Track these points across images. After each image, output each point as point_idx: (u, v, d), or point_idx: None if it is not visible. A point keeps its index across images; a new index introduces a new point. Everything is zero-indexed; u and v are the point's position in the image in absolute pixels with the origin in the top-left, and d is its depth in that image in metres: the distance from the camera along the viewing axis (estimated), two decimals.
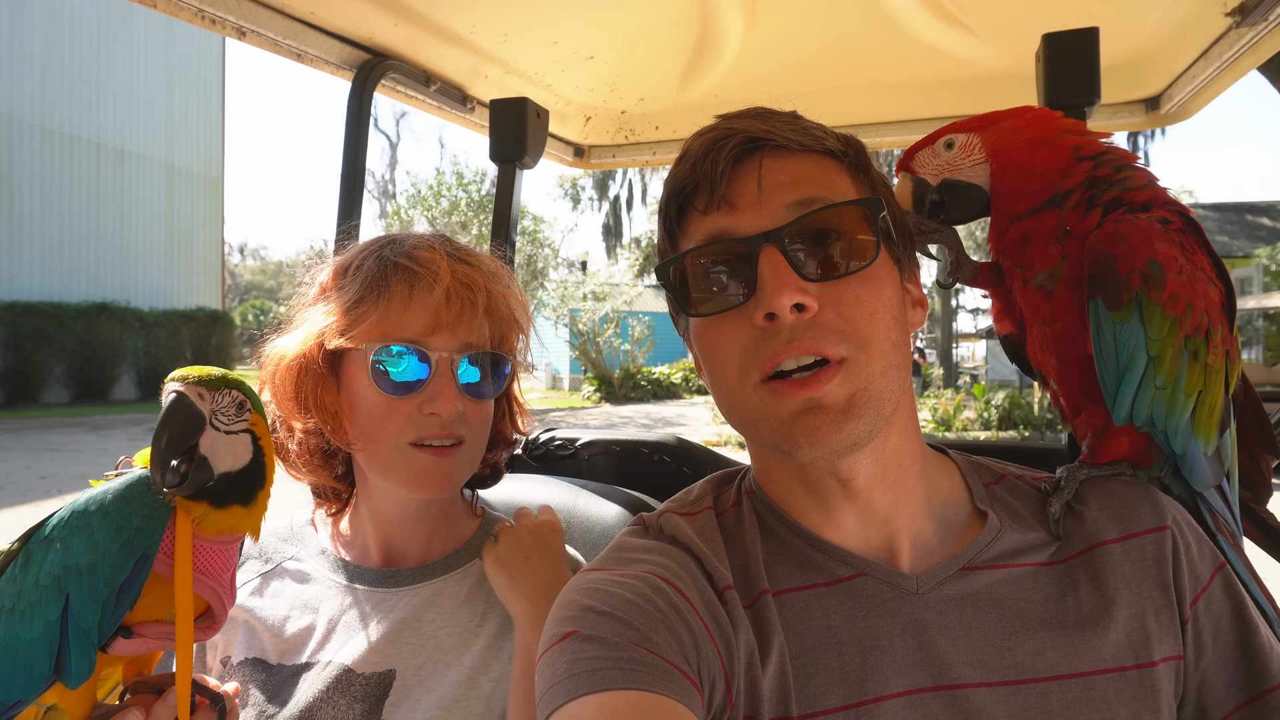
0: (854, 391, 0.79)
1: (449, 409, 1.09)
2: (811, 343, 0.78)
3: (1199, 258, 0.93)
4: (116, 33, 22.97)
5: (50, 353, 19.68)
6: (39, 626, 0.84)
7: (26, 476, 10.63)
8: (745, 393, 0.82)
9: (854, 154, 0.87)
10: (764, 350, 0.79)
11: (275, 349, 1.15)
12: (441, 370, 1.10)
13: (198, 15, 1.44)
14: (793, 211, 0.81)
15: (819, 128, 0.87)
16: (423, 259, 1.11)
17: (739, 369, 0.82)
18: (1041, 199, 0.95)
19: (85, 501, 0.87)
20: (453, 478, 1.13)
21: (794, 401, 0.79)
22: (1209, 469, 0.94)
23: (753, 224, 0.81)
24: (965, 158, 1.00)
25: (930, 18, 1.71)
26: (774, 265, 0.78)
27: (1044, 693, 0.78)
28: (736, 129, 0.84)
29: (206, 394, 0.87)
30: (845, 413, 0.79)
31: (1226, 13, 1.53)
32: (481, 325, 1.14)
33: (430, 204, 23.53)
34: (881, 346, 0.80)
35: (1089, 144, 0.97)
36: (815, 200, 0.81)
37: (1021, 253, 0.97)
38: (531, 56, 1.93)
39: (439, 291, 1.09)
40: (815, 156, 0.85)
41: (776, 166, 0.83)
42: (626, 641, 0.72)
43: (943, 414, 15.08)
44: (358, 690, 1.09)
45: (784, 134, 0.84)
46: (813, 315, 0.79)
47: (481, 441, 1.18)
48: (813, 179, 0.83)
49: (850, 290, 0.80)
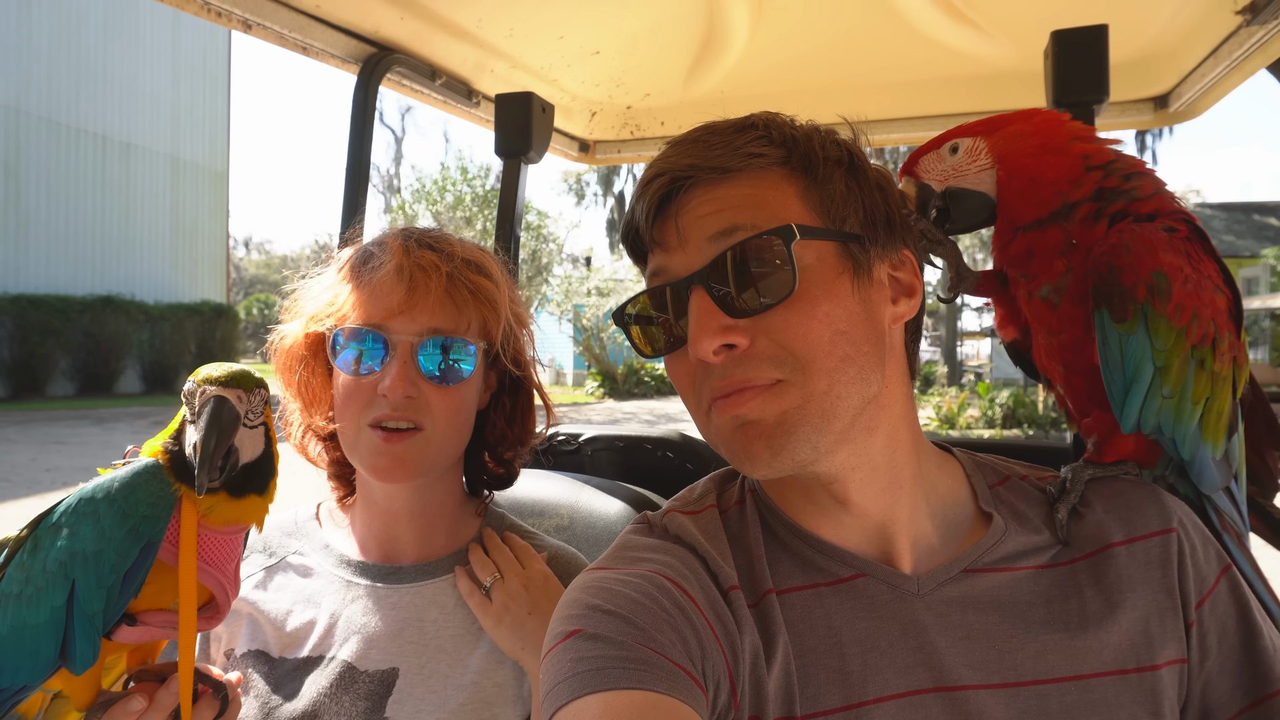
0: (785, 410, 0.78)
1: (397, 391, 1.09)
2: (740, 377, 0.78)
3: (1205, 265, 0.92)
4: (123, 26, 23.01)
5: (55, 345, 19.75)
6: (45, 612, 0.85)
7: (32, 469, 10.67)
8: (701, 419, 0.84)
9: (798, 155, 0.83)
10: (705, 387, 0.81)
11: (276, 335, 1.20)
12: (400, 353, 1.10)
13: (204, 8, 1.44)
14: (715, 245, 0.80)
15: (762, 138, 0.83)
16: (385, 244, 1.14)
17: (694, 400, 0.84)
18: (1049, 209, 0.93)
19: (93, 489, 0.88)
20: (407, 465, 1.11)
21: (725, 419, 0.80)
22: (1217, 472, 0.94)
23: (682, 264, 0.82)
24: (971, 163, 0.98)
25: (938, 14, 1.70)
26: (699, 310, 0.79)
27: (1043, 695, 0.78)
28: (665, 169, 0.83)
29: (244, 396, 0.90)
30: (776, 429, 0.78)
31: (1236, 11, 1.52)
32: (448, 310, 1.13)
33: (435, 199, 23.55)
34: (824, 364, 0.78)
35: (1098, 152, 0.95)
36: (736, 228, 0.79)
37: (1026, 265, 0.96)
38: (537, 51, 1.93)
39: (390, 273, 1.11)
40: (750, 176, 0.82)
41: (706, 197, 0.81)
42: (631, 641, 0.72)
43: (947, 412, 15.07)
44: (361, 688, 1.09)
45: (715, 160, 0.81)
46: (744, 350, 0.78)
47: (450, 431, 1.15)
48: (740, 204, 0.80)
49: (779, 317, 0.78)
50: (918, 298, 0.87)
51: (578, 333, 24.73)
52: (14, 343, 19.23)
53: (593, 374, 25.19)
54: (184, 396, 0.90)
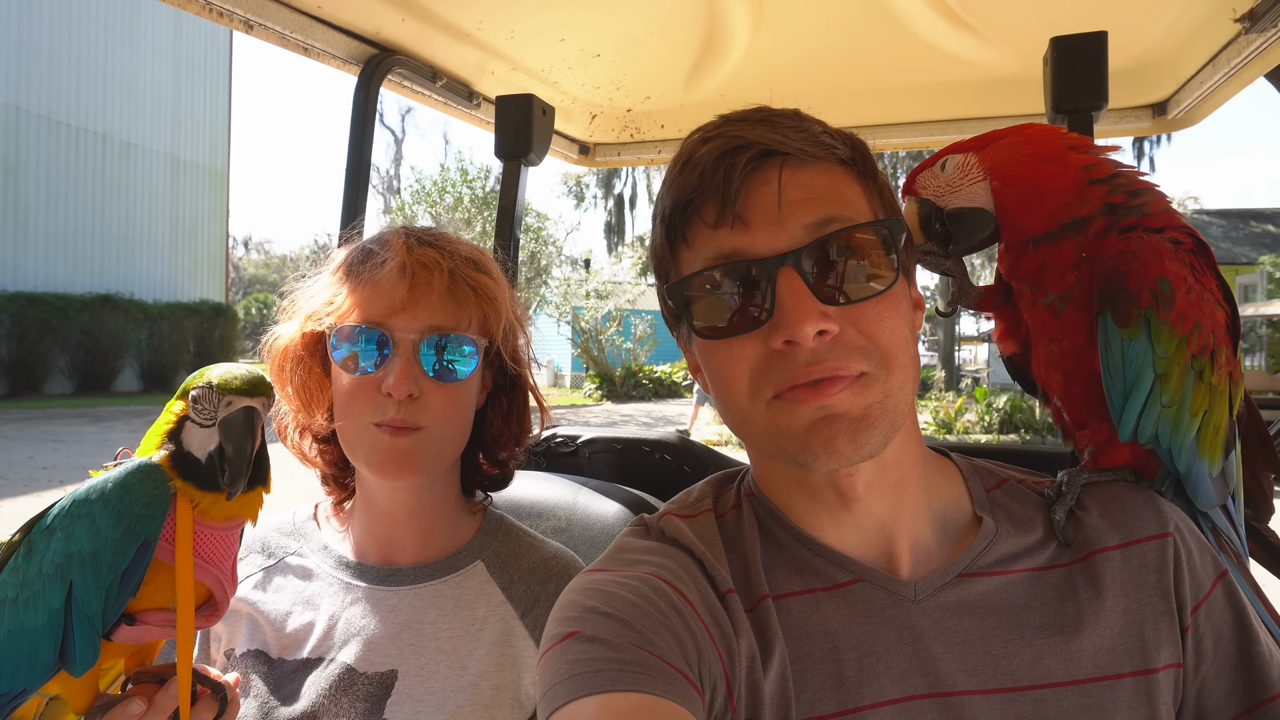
0: (870, 403, 0.77)
1: (401, 389, 1.08)
2: (833, 364, 0.76)
3: (1207, 279, 0.93)
4: (124, 25, 23.02)
5: (54, 344, 19.72)
6: (43, 615, 0.85)
7: (29, 467, 10.65)
8: (757, 410, 0.80)
9: (861, 159, 0.85)
10: (780, 372, 0.77)
11: (274, 335, 1.19)
12: (401, 351, 1.10)
13: (205, 8, 1.44)
14: (811, 232, 0.78)
15: (826, 132, 0.84)
16: (386, 241, 1.14)
17: (750, 388, 0.80)
18: (1059, 220, 0.93)
19: (86, 490, 0.88)
20: (412, 461, 1.11)
21: (808, 410, 0.77)
22: (1213, 489, 0.94)
23: (768, 244, 0.78)
24: (962, 177, 0.98)
25: (938, 20, 1.70)
26: (794, 290, 0.76)
27: (1039, 700, 0.78)
28: (749, 139, 0.80)
29: (266, 403, 0.92)
30: (860, 422, 0.77)
31: (1235, 18, 1.52)
32: (449, 308, 1.13)
33: (434, 200, 23.56)
34: (901, 360, 0.79)
35: (1099, 164, 0.95)
36: (832, 219, 0.79)
37: (1038, 278, 0.96)
38: (538, 53, 1.93)
39: (393, 270, 1.10)
40: (826, 166, 0.82)
41: (792, 181, 0.79)
42: (628, 643, 0.72)
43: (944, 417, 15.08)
44: (360, 689, 1.09)
45: (796, 144, 0.80)
46: (834, 337, 0.77)
47: (451, 429, 1.15)
48: (827, 194, 0.80)
49: (871, 309, 0.79)
50: (923, 313, 0.90)
51: (576, 335, 24.73)
52: (12, 341, 19.19)
53: (591, 376, 25.19)
54: (194, 399, 0.90)
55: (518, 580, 1.19)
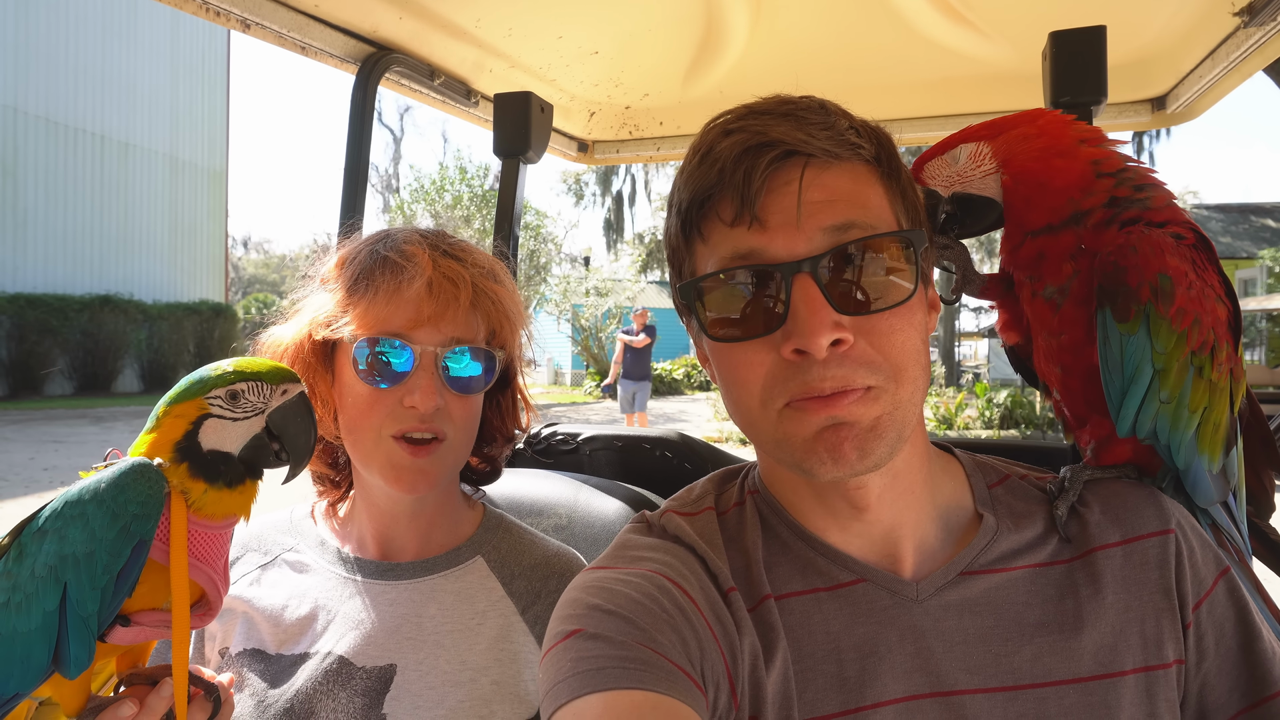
0: (879, 415, 0.77)
1: (428, 403, 1.08)
2: (844, 377, 0.74)
3: (1209, 275, 0.92)
4: (121, 26, 22.98)
5: (54, 345, 19.71)
6: (36, 618, 0.84)
7: (29, 468, 10.65)
8: (767, 417, 0.79)
9: (887, 158, 0.82)
10: (793, 382, 0.76)
11: (271, 337, 1.17)
12: (424, 363, 1.09)
13: (203, 8, 1.44)
14: (829, 236, 0.76)
15: (852, 128, 0.80)
16: (408, 253, 1.11)
17: (762, 394, 0.78)
18: (1061, 216, 0.93)
19: (79, 491, 0.87)
20: (430, 476, 1.12)
21: (817, 419, 0.76)
22: (1213, 486, 0.93)
23: (785, 248, 0.76)
24: (975, 168, 0.97)
25: (937, 15, 1.70)
26: (809, 299, 0.74)
27: (1041, 698, 0.78)
28: (772, 137, 0.77)
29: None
30: (869, 432, 0.76)
31: (1234, 12, 1.52)
32: (470, 319, 1.13)
33: (433, 198, 23.53)
34: (911, 373, 0.78)
35: (1108, 158, 0.94)
36: (853, 225, 0.76)
37: (1035, 268, 0.95)
38: (536, 51, 1.93)
39: (420, 284, 1.09)
40: (850, 167, 0.79)
41: (814, 182, 0.77)
42: (631, 641, 0.72)
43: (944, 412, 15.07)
44: (358, 684, 1.09)
45: (821, 143, 0.77)
46: (846, 349, 0.75)
47: (466, 438, 1.17)
48: (849, 198, 0.78)
49: (885, 321, 0.77)
50: (937, 314, 0.88)
51: (576, 332, 24.72)
52: (12, 342, 19.18)
53: (591, 374, 25.18)
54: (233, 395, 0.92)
55: (518, 576, 1.19)
